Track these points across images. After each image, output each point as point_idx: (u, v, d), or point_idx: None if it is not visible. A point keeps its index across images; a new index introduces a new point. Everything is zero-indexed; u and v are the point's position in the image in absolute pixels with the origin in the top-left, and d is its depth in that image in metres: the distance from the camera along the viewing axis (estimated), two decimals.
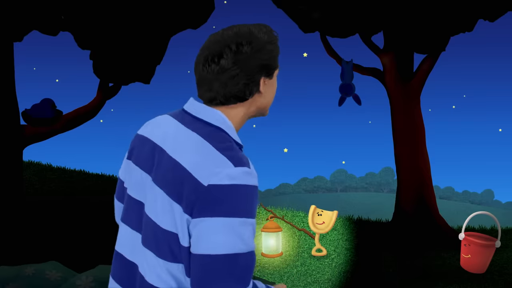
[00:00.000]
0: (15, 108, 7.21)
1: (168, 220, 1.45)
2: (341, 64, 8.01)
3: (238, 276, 1.38)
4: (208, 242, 1.37)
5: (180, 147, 1.48)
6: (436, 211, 7.84)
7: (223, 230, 1.37)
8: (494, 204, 59.87)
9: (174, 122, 1.56)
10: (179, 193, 1.42)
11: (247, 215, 1.40)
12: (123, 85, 7.78)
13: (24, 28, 6.93)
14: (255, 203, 1.43)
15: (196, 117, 1.53)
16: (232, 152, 1.44)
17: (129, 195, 1.61)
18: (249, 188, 1.41)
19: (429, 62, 7.84)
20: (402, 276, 6.59)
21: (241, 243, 1.39)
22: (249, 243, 1.41)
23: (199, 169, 1.41)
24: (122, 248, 1.62)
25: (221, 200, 1.38)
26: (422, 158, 7.89)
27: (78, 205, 8.04)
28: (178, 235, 1.43)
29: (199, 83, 1.53)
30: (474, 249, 2.62)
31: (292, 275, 5.73)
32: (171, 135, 1.53)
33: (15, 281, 3.44)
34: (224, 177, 1.38)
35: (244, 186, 1.40)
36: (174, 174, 1.44)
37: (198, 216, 1.38)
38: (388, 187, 61.90)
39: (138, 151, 1.61)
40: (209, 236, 1.37)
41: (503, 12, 7.28)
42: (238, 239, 1.38)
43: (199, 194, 1.38)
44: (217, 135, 1.48)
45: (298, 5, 7.44)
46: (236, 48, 1.48)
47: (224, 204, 1.38)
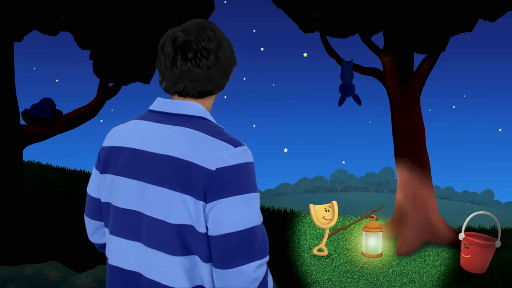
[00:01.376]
0: (15, 108, 7.21)
1: (177, 214, 1.48)
2: (341, 64, 8.01)
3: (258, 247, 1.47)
4: (227, 221, 1.45)
5: (169, 143, 1.51)
6: (436, 211, 7.83)
7: (239, 207, 1.46)
8: (494, 204, 59.88)
9: (149, 124, 1.59)
10: (186, 184, 1.47)
11: (254, 190, 1.51)
12: (123, 85, 7.78)
13: (24, 28, 6.92)
14: (255, 178, 1.54)
15: (173, 114, 1.57)
16: (226, 136, 1.54)
17: (116, 207, 1.61)
18: (251, 164, 1.52)
19: (429, 62, 7.83)
20: (402, 276, 6.59)
21: (256, 216, 1.49)
22: (260, 215, 1.52)
23: (201, 157, 1.47)
24: (118, 261, 1.61)
25: (231, 180, 1.46)
26: (422, 158, 7.88)
27: (78, 205, 8.02)
28: (193, 225, 1.47)
29: (181, 79, 1.57)
30: (474, 249, 2.63)
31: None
32: (151, 136, 1.56)
33: (15, 281, 3.44)
34: (229, 158, 1.47)
35: (247, 164, 1.51)
36: (174, 169, 1.48)
37: (213, 199, 1.46)
38: (388, 187, 61.92)
39: (115, 162, 1.62)
40: (226, 215, 1.45)
41: (503, 12, 7.27)
42: (253, 213, 1.48)
43: (209, 179, 1.45)
44: (204, 123, 1.55)
45: (298, 5, 7.43)
46: (217, 42, 1.57)
47: (235, 183, 1.46)
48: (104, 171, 1.65)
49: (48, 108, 7.28)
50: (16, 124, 7.20)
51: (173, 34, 1.59)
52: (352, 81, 7.85)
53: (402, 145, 7.91)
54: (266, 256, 1.50)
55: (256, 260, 1.46)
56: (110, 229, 1.66)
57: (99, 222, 1.81)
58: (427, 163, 7.94)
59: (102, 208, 1.71)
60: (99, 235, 1.87)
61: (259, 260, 1.46)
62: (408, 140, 7.88)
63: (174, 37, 1.57)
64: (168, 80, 1.61)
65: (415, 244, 7.38)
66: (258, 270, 1.46)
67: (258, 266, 1.46)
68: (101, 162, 1.67)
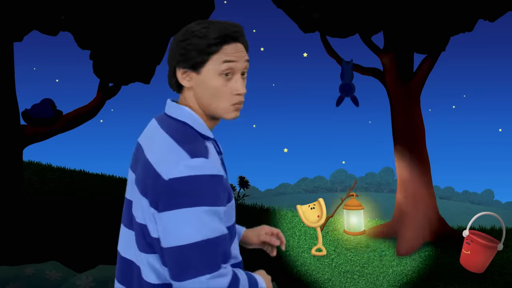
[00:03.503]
0: (15, 108, 7.21)
1: (140, 214, 1.53)
2: (341, 64, 8.01)
3: (207, 261, 1.43)
4: (174, 234, 1.43)
5: (152, 146, 1.57)
6: (436, 211, 7.83)
7: (187, 221, 1.42)
8: (494, 204, 59.87)
9: (154, 123, 1.65)
10: (145, 188, 1.50)
11: (207, 203, 1.44)
12: (123, 85, 7.78)
13: (24, 28, 6.92)
14: (216, 191, 1.46)
15: (168, 116, 1.62)
16: (192, 145, 1.50)
17: (125, 196, 1.70)
18: (207, 177, 1.45)
19: (429, 62, 7.83)
20: (402, 276, 6.59)
21: (206, 230, 1.44)
22: (213, 229, 1.45)
23: (161, 164, 1.48)
24: (119, 246, 1.70)
25: (182, 191, 1.43)
26: (422, 158, 7.88)
27: (78, 205, 8.04)
28: (148, 228, 1.51)
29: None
30: (475, 248, 2.63)
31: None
32: (149, 136, 1.63)
33: (15, 281, 3.44)
34: (183, 169, 1.44)
35: (203, 176, 1.44)
36: (144, 171, 1.53)
37: (163, 209, 1.45)
38: (388, 187, 61.89)
39: (133, 155, 1.73)
40: (174, 228, 1.43)
41: (503, 12, 7.27)
42: (202, 227, 1.43)
43: (161, 188, 1.45)
44: (181, 129, 1.55)
45: (298, 5, 7.43)
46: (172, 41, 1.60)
47: (185, 195, 1.43)
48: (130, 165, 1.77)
49: (48, 108, 7.28)
50: (16, 124, 7.20)
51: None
52: (352, 81, 7.86)
53: (402, 145, 7.91)
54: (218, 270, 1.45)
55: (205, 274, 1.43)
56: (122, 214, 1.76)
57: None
58: (427, 163, 7.94)
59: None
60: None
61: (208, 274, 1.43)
62: (408, 140, 7.88)
63: None
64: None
65: (415, 244, 7.37)
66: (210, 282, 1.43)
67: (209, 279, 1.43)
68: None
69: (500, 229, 8.13)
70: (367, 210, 3.62)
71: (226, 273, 1.47)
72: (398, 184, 8.10)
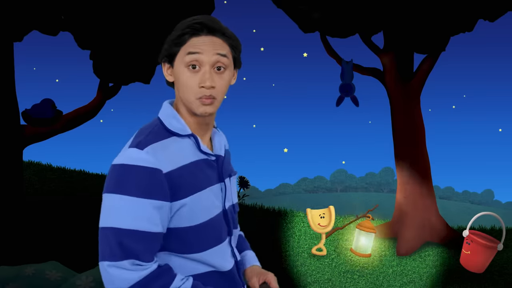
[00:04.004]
0: (15, 108, 7.21)
1: None
2: (341, 64, 8.01)
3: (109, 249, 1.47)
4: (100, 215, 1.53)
5: None
6: (436, 211, 7.83)
7: (105, 205, 1.50)
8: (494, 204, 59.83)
9: None
10: None
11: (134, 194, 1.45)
12: (123, 85, 7.78)
13: (24, 28, 6.92)
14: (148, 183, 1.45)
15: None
16: (143, 137, 1.53)
17: None
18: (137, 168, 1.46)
19: (429, 62, 7.83)
20: (402, 276, 6.59)
21: (116, 218, 1.46)
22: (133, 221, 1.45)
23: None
24: None
25: (112, 177, 1.50)
26: (422, 158, 7.88)
27: (78, 205, 8.03)
28: None
29: None
30: (475, 248, 2.63)
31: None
32: None
33: (15, 281, 3.44)
34: (118, 157, 1.51)
35: (132, 166, 1.47)
36: None
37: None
38: (388, 187, 61.88)
39: None
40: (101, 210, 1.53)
41: (503, 12, 7.27)
42: (113, 215, 1.47)
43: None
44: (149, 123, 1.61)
45: (298, 5, 7.43)
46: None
47: (112, 181, 1.49)
48: None
49: (48, 108, 7.28)
50: (16, 124, 7.20)
51: None
52: (352, 81, 7.85)
53: (402, 145, 7.90)
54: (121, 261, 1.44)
55: (105, 261, 1.47)
56: None
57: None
58: (427, 163, 7.94)
59: None
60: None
61: (108, 261, 1.46)
62: (408, 140, 7.88)
63: None
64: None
65: (415, 244, 7.37)
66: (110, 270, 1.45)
67: (108, 265, 1.45)
68: None
69: (500, 229, 8.12)
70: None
71: (134, 269, 1.44)
72: (398, 184, 8.10)
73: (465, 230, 2.69)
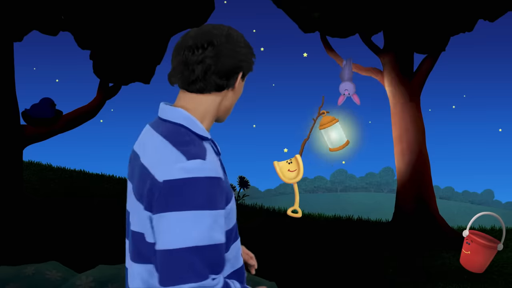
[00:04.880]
0: (15, 108, 7.21)
1: (135, 221, 1.50)
2: (341, 64, 8.02)
3: (192, 270, 1.37)
4: (166, 236, 1.39)
5: (148, 151, 1.53)
6: (436, 211, 7.83)
7: (179, 224, 1.38)
8: (494, 204, 59.84)
9: (149, 129, 1.62)
10: (141, 193, 1.47)
11: (205, 207, 1.39)
12: (123, 85, 7.78)
13: (24, 28, 6.92)
14: (213, 194, 1.41)
15: (162, 119, 1.58)
16: (188, 147, 1.46)
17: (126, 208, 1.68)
18: (203, 179, 1.40)
19: (429, 62, 7.84)
20: (402, 276, 6.59)
21: (198, 236, 1.38)
22: (208, 236, 1.40)
23: (156, 167, 1.44)
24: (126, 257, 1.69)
25: (176, 194, 1.39)
26: (422, 158, 7.89)
27: (78, 205, 8.03)
28: (144, 233, 1.46)
29: (177, 67, 1.54)
30: (475, 247, 2.63)
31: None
32: (145, 142, 1.59)
33: (15, 281, 3.44)
34: (177, 171, 1.40)
35: (198, 179, 1.40)
36: (140, 177, 1.50)
37: (157, 212, 1.41)
38: (388, 187, 61.89)
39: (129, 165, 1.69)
40: (166, 230, 1.39)
41: (503, 12, 7.27)
42: (194, 232, 1.38)
43: (156, 190, 1.41)
44: (177, 131, 1.51)
45: (299, 5, 7.44)
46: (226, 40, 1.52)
47: (179, 197, 1.38)
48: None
49: (48, 108, 7.28)
50: (16, 124, 7.20)
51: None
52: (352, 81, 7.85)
53: (402, 145, 7.91)
54: (206, 279, 1.38)
55: (189, 283, 1.36)
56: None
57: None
58: (427, 163, 7.94)
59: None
60: None
61: (193, 283, 1.36)
62: (408, 140, 7.88)
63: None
64: (171, 70, 1.59)
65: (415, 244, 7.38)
66: None
67: None
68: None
69: (500, 229, 8.12)
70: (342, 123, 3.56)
71: (214, 285, 1.41)
72: (398, 184, 8.10)
73: (465, 230, 2.68)
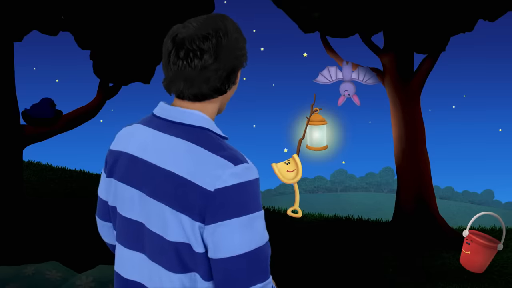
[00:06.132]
0: (15, 108, 7.21)
1: (174, 232, 1.43)
2: (341, 64, 8.02)
3: (260, 270, 1.40)
4: (226, 245, 1.37)
5: (169, 156, 1.45)
6: (436, 211, 7.83)
7: (239, 230, 1.38)
8: (494, 204, 59.81)
9: (149, 131, 1.53)
10: (183, 204, 1.40)
11: (257, 209, 1.41)
12: (123, 85, 7.78)
13: (24, 28, 6.92)
14: (259, 194, 1.44)
15: (173, 122, 1.49)
16: (226, 151, 1.43)
17: (120, 214, 1.58)
18: (253, 182, 1.41)
19: (429, 62, 7.84)
20: (402, 276, 6.59)
21: (258, 238, 1.40)
22: (263, 235, 1.43)
23: (200, 176, 1.39)
24: (118, 267, 1.61)
25: (231, 201, 1.37)
26: (422, 158, 7.89)
27: (78, 205, 8.03)
28: (191, 244, 1.42)
29: (176, 78, 1.47)
30: (475, 247, 2.63)
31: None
32: (150, 145, 1.50)
33: (15, 281, 3.44)
34: (228, 178, 1.38)
35: (249, 182, 1.40)
36: (174, 186, 1.42)
37: (212, 222, 1.38)
38: (388, 187, 61.86)
39: (119, 167, 1.57)
40: (226, 239, 1.37)
41: (503, 12, 7.27)
42: (254, 235, 1.39)
43: (207, 200, 1.37)
44: (204, 136, 1.46)
45: (299, 5, 7.44)
46: (216, 41, 1.45)
47: (235, 204, 1.38)
48: (110, 175, 1.62)
49: (48, 108, 7.28)
50: (16, 124, 7.20)
51: (175, 30, 1.49)
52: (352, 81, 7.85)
53: (402, 145, 7.91)
54: (269, 278, 1.43)
55: (258, 284, 1.39)
56: (116, 234, 1.63)
57: (110, 223, 1.75)
58: (427, 163, 7.94)
59: (110, 210, 1.66)
60: (111, 236, 1.79)
61: (261, 283, 1.40)
62: (408, 140, 7.89)
63: (175, 34, 1.48)
64: (166, 79, 1.51)
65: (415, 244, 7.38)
66: None
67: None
68: (107, 166, 1.64)
69: (500, 229, 8.12)
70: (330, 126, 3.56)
71: (271, 280, 1.45)
72: (398, 184, 8.10)
73: (465, 230, 2.68)
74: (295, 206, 3.21)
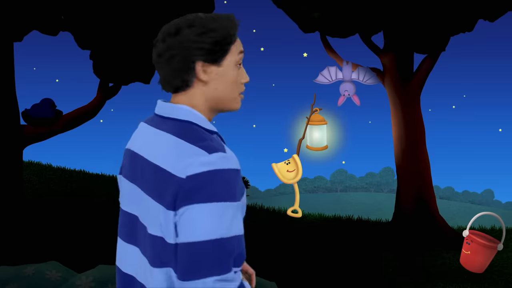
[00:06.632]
0: (15, 108, 7.21)
1: (153, 225, 1.46)
2: (341, 64, 8.02)
3: (219, 262, 1.37)
4: (190, 229, 1.37)
5: (157, 150, 1.49)
6: (436, 211, 7.84)
7: (206, 216, 1.37)
8: (494, 204, 59.79)
9: (148, 128, 1.58)
10: (160, 193, 1.43)
11: (230, 199, 1.39)
12: (123, 85, 7.78)
13: (24, 28, 6.92)
14: (236, 186, 1.42)
15: (165, 117, 1.54)
16: (205, 142, 1.44)
17: (122, 209, 1.63)
18: (228, 172, 1.40)
19: (429, 62, 7.84)
20: (402, 276, 6.59)
21: (223, 228, 1.38)
22: (230, 227, 1.40)
23: (175, 165, 1.41)
24: (118, 261, 1.64)
25: (200, 187, 1.38)
26: (422, 158, 7.89)
27: (78, 205, 8.03)
28: (163, 236, 1.43)
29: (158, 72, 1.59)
30: (475, 247, 2.63)
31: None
32: (147, 141, 1.55)
33: (15, 281, 3.44)
34: (199, 165, 1.39)
35: (223, 171, 1.40)
36: (157, 178, 1.45)
37: (181, 206, 1.39)
38: (388, 187, 61.84)
39: (125, 164, 1.63)
40: (191, 223, 1.38)
41: (503, 12, 7.27)
42: (220, 224, 1.38)
43: (178, 186, 1.39)
44: (189, 130, 1.48)
45: (299, 5, 7.44)
46: (175, 32, 1.51)
47: (203, 190, 1.38)
48: (120, 172, 1.68)
49: (48, 108, 7.29)
50: (16, 124, 7.20)
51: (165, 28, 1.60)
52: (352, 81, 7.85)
53: (402, 145, 7.91)
54: (229, 272, 1.38)
55: (214, 276, 1.36)
56: (118, 229, 1.67)
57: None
58: (427, 163, 7.95)
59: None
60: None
61: (218, 275, 1.36)
62: (408, 140, 7.89)
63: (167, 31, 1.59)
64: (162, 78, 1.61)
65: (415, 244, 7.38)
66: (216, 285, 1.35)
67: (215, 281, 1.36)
68: (121, 163, 1.69)
69: (500, 229, 8.13)
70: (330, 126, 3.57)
71: (235, 279, 1.40)
72: (398, 184, 8.10)
73: (465, 230, 2.69)
74: (295, 206, 3.21)
